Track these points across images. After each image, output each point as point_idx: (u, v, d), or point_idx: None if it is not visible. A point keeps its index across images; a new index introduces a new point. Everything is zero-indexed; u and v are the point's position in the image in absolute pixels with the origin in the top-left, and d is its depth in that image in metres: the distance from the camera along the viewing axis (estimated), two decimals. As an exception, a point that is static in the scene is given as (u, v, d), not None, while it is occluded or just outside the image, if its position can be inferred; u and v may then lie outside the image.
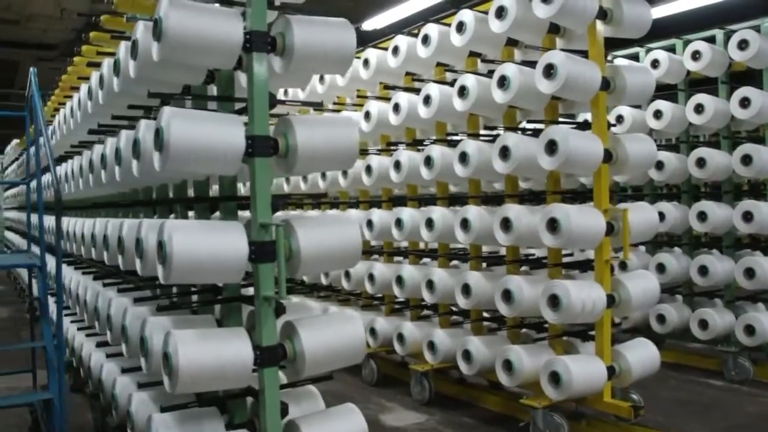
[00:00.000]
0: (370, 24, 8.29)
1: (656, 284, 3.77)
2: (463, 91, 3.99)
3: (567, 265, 3.91)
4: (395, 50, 4.57)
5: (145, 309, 3.03)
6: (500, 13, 3.71)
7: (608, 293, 3.56)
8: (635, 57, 5.41)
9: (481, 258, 4.30)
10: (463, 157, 3.97)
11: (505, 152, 3.69)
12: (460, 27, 4.00)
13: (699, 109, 4.84)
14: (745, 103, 4.63)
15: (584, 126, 3.78)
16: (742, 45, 4.63)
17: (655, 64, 5.10)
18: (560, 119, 3.92)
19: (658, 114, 5.08)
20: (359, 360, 2.73)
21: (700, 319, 4.84)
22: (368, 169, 4.82)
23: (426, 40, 4.28)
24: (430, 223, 4.24)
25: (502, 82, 3.70)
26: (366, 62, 4.86)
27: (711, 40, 4.98)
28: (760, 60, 4.67)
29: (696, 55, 4.86)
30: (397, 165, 4.53)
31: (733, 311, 4.89)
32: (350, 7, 8.80)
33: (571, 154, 3.35)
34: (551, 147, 3.41)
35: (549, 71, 3.43)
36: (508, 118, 4.08)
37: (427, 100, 4.27)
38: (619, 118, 5.34)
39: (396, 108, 4.55)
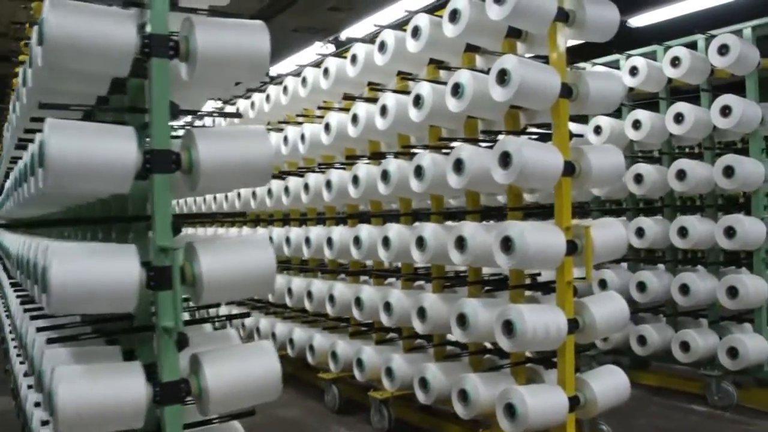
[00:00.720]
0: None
1: (624, 307, 3.48)
2: (418, 101, 3.74)
3: (530, 287, 3.63)
4: (353, 59, 4.34)
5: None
6: (454, 16, 3.47)
7: (570, 318, 3.28)
8: (616, 64, 5.15)
9: (444, 278, 4.03)
10: (419, 172, 3.71)
11: (459, 165, 3.42)
12: (416, 32, 3.76)
13: (679, 118, 4.57)
14: (725, 111, 4.35)
15: (546, 137, 3.51)
16: (723, 50, 4.36)
17: (633, 71, 4.84)
18: (532, 130, 3.67)
19: (636, 124, 4.81)
20: (275, 396, 2.48)
21: (681, 341, 4.54)
22: (328, 185, 4.57)
23: (382, 47, 4.04)
24: (386, 241, 3.98)
25: (456, 90, 3.45)
26: (326, 71, 4.63)
27: (693, 46, 4.72)
28: (742, 66, 4.40)
29: (675, 62, 4.59)
30: (356, 180, 4.28)
31: (717, 332, 4.59)
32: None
33: (526, 166, 3.08)
34: (505, 159, 3.15)
35: (502, 77, 3.17)
36: (469, 129, 3.82)
37: (383, 110, 4.02)
38: (597, 129, 5.08)
39: (354, 119, 4.31)
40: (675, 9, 6.37)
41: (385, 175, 3.99)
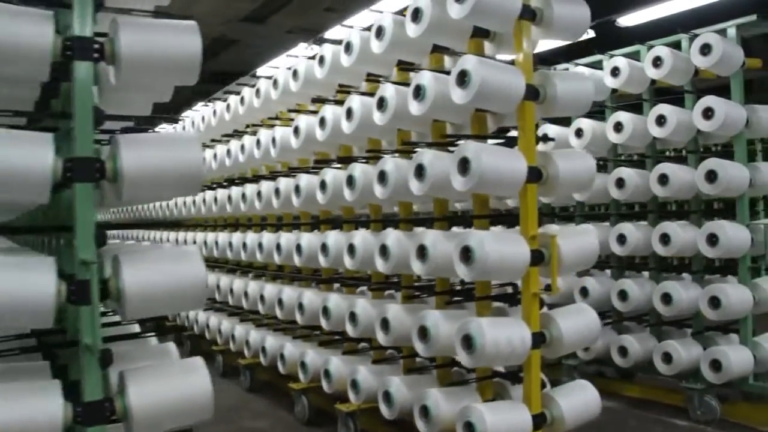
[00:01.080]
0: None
1: (595, 319, 3.33)
2: (381, 104, 3.60)
3: (497, 298, 3.48)
4: (321, 60, 4.21)
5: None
6: (416, 15, 3.33)
7: (536, 331, 3.13)
8: (598, 65, 4.99)
9: (412, 288, 3.89)
10: (382, 177, 3.58)
11: (420, 171, 3.28)
12: (379, 32, 3.62)
13: (661, 120, 4.41)
14: (708, 113, 4.18)
15: (514, 142, 3.36)
16: (705, 50, 4.19)
17: (615, 71, 4.68)
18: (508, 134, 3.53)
19: (618, 126, 4.65)
20: (207, 416, 2.34)
21: (663, 352, 4.37)
22: (297, 190, 4.44)
23: (348, 47, 3.90)
24: (351, 249, 3.85)
25: (417, 92, 3.31)
26: (295, 73, 4.50)
27: (678, 46, 4.55)
28: (726, 66, 4.23)
29: (657, 62, 4.42)
30: (323, 185, 4.15)
31: (701, 343, 4.42)
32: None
33: (485, 173, 2.93)
34: (464, 166, 3.00)
35: (462, 79, 3.03)
36: (436, 133, 3.68)
37: (348, 113, 3.89)
38: (579, 132, 4.93)
39: (322, 122, 4.18)
40: (666, 8, 6.17)
41: (350, 181, 3.86)
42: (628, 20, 6.40)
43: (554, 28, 3.23)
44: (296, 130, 4.46)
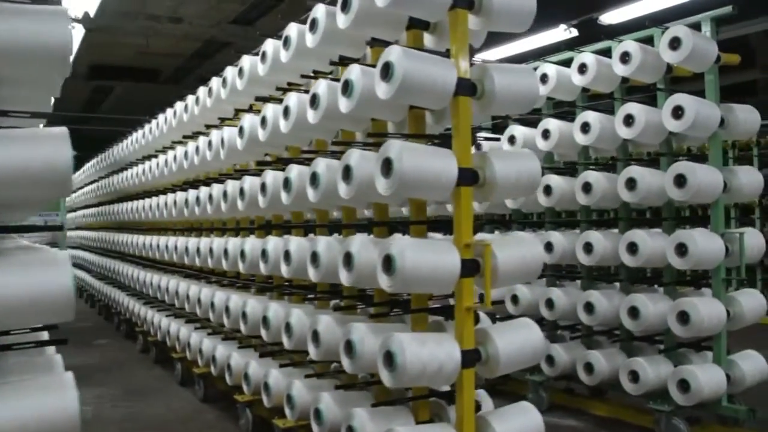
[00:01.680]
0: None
1: (538, 336, 3.04)
2: (314, 101, 3.35)
3: (435, 311, 3.21)
4: (263, 56, 3.97)
5: None
6: (345, 5, 3.07)
7: (469, 349, 2.85)
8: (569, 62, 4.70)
9: (356, 298, 3.63)
10: (314, 179, 3.32)
11: (347, 173, 3.03)
12: (313, 25, 3.37)
13: (629, 120, 4.10)
14: (678, 112, 3.88)
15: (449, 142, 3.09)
16: (674, 44, 3.89)
17: (582, 69, 4.39)
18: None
19: (585, 127, 4.35)
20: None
21: (630, 370, 4.06)
22: (241, 193, 4.21)
23: (286, 42, 3.66)
24: (287, 255, 3.60)
25: (345, 87, 3.05)
26: (240, 71, 4.27)
27: (651, 41, 4.24)
28: (698, 61, 3.93)
29: (625, 58, 4.13)
30: (263, 187, 3.90)
31: (673, 361, 4.10)
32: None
33: (407, 175, 2.67)
34: (387, 167, 2.74)
35: (386, 71, 2.77)
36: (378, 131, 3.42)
37: (286, 112, 3.64)
38: (546, 133, 4.63)
39: (263, 122, 3.94)
40: (651, 4, 5.88)
41: (286, 183, 3.61)
42: (611, 17, 6.11)
43: (495, 17, 2.95)
44: (241, 131, 4.23)
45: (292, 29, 3.61)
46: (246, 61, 4.20)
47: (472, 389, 2.88)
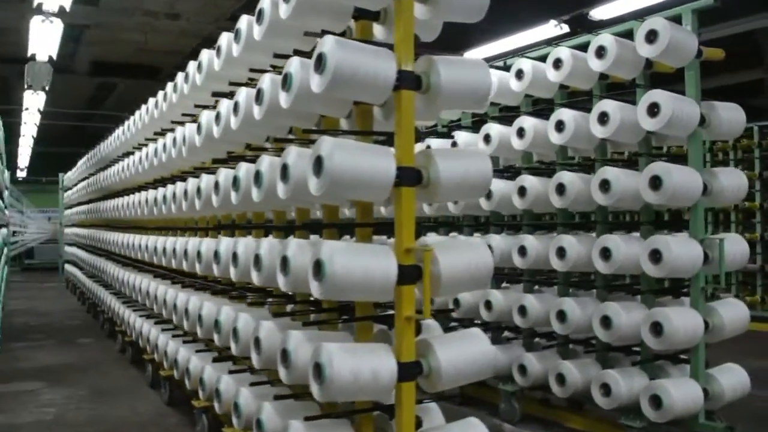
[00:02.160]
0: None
1: (486, 349, 2.84)
2: (258, 96, 3.18)
3: (378, 319, 3.02)
4: (218, 51, 3.82)
5: None
6: (288, -6, 2.91)
7: (409, 361, 2.66)
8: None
9: (309, 303, 3.45)
10: (257, 178, 3.16)
11: (285, 172, 2.85)
12: (259, 16, 3.19)
13: (604, 118, 3.88)
14: (654, 110, 3.64)
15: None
16: (651, 37, 3.66)
17: (557, 64, 4.17)
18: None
19: (560, 125, 4.14)
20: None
21: (602, 383, 3.84)
22: (198, 191, 4.06)
23: (237, 35, 3.49)
24: (235, 257, 3.44)
25: (285, 81, 2.88)
26: (199, 66, 4.13)
27: (630, 36, 4.00)
28: (677, 56, 3.69)
29: (601, 52, 3.90)
30: (216, 186, 3.75)
31: (649, 373, 3.87)
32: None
33: (338, 173, 2.49)
34: (319, 165, 2.57)
35: (319, 63, 2.60)
36: (328, 127, 3.24)
37: (235, 108, 3.48)
38: (521, 131, 4.43)
39: (217, 118, 3.78)
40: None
41: (235, 182, 3.45)
42: (602, 12, 5.86)
43: (444, 5, 2.77)
44: (198, 128, 4.08)
45: (243, 22, 3.44)
46: (204, 55, 4.05)
47: (412, 404, 2.70)
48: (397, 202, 2.70)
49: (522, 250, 4.34)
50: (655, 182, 3.60)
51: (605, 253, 3.83)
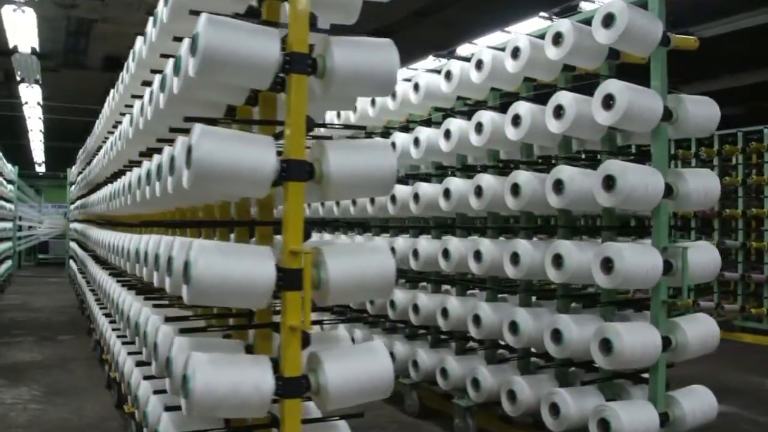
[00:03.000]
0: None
1: (383, 366, 2.53)
2: (162, 83, 2.95)
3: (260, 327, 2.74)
4: (145, 37, 3.62)
5: None
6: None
7: (292, 376, 2.38)
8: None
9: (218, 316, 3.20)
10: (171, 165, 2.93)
11: (171, 166, 2.62)
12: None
13: (559, 112, 3.53)
14: (609, 102, 3.28)
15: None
16: (607, 21, 3.29)
17: (515, 53, 3.83)
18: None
19: (516, 120, 3.80)
20: None
21: (551, 403, 3.50)
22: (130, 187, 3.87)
23: (155, 20, 3.28)
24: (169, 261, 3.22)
25: (175, 66, 2.65)
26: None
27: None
28: (636, 42, 3.32)
29: (558, 39, 3.55)
30: (130, 184, 3.55)
31: (606, 394, 3.51)
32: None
33: (204, 166, 2.24)
34: (189, 156, 2.32)
35: (193, 44, 2.35)
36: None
37: (151, 97, 3.26)
38: (479, 126, 4.11)
39: (142, 109, 3.57)
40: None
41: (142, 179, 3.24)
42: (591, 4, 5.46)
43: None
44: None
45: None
46: (138, 43, 3.86)
47: (297, 424, 2.42)
48: (285, 199, 2.43)
49: (477, 255, 4.02)
50: (609, 183, 3.24)
51: (557, 260, 3.48)
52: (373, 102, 5.13)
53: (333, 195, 2.50)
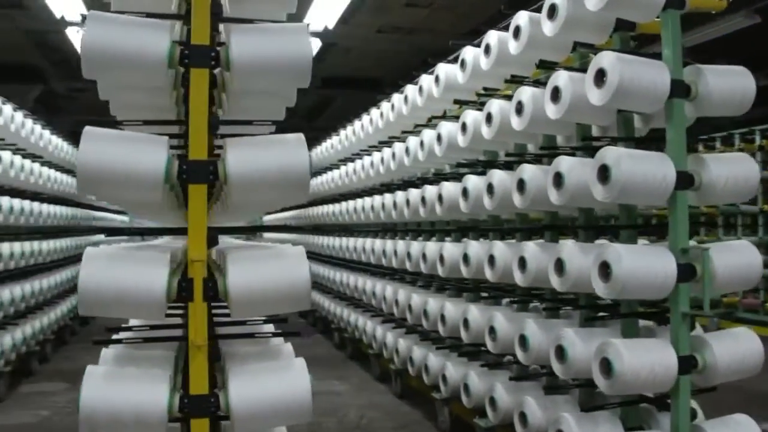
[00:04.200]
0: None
1: (299, 387, 2.28)
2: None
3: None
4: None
5: None
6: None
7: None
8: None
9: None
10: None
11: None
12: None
13: (557, 94, 3.05)
14: (602, 78, 2.73)
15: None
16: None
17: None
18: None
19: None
20: None
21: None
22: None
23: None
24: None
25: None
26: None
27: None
28: (633, 6, 2.78)
29: (552, 12, 3.08)
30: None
31: (628, 421, 2.96)
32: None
33: (92, 171, 2.13)
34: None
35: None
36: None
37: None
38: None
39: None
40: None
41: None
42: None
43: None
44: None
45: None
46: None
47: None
48: (188, 201, 2.27)
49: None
50: (605, 173, 2.72)
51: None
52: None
53: (236, 197, 2.29)
